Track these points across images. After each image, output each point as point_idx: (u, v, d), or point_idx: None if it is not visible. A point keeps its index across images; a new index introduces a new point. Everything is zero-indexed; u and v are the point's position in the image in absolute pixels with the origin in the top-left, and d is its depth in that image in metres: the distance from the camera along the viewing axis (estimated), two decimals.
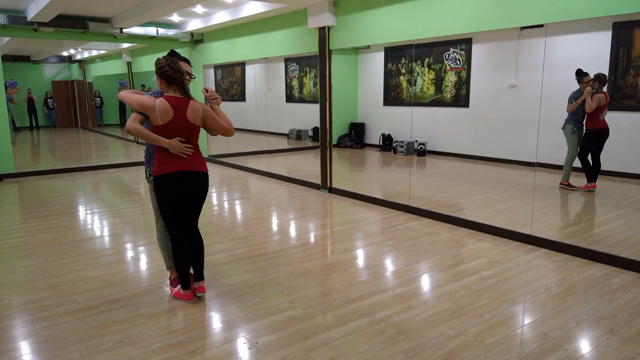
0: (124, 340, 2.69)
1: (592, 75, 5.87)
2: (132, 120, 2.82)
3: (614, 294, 3.22)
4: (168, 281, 3.41)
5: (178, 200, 2.98)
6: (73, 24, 7.86)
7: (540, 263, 3.82)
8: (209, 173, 3.12)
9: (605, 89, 5.96)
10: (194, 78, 3.16)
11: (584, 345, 2.61)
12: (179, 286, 3.21)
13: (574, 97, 5.98)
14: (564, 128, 6.19)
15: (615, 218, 5.03)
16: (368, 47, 10.68)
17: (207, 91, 3.17)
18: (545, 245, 4.15)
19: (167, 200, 2.97)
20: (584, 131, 6.03)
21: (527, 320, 2.88)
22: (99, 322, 2.91)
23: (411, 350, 2.55)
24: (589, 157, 6.06)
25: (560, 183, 6.25)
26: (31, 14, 7.09)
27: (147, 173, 3.21)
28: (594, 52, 6.87)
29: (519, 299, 3.17)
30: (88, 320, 2.93)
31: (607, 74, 6.69)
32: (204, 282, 3.24)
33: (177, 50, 3.08)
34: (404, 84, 10.30)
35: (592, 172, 6.03)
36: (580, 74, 5.91)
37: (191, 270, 3.22)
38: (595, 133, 5.94)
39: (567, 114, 6.14)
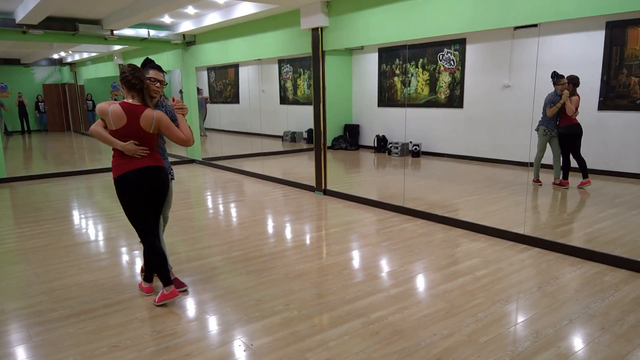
0: (119, 345, 2.68)
1: (565, 78, 5.96)
2: (95, 124, 3.05)
3: (605, 292, 3.25)
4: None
5: (140, 197, 3.06)
6: (63, 26, 7.79)
7: (533, 262, 3.85)
8: (171, 173, 3.24)
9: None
10: (166, 84, 3.33)
11: (576, 343, 2.64)
12: (161, 291, 3.18)
13: (551, 101, 6.05)
14: (537, 130, 6.26)
15: (607, 217, 5.07)
16: (362, 48, 10.71)
17: (173, 100, 3.25)
18: (538, 244, 4.18)
19: (129, 199, 3.05)
20: (560, 130, 6.13)
21: (520, 319, 2.90)
22: (93, 326, 2.90)
23: (405, 350, 2.57)
24: (566, 156, 6.20)
25: (533, 180, 6.43)
26: (20, 16, 7.03)
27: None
28: (587, 52, 6.93)
29: (512, 298, 3.19)
30: (82, 324, 2.92)
31: (600, 73, 6.76)
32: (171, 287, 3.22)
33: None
34: (398, 85, 10.34)
35: (581, 169, 6.10)
36: (556, 76, 5.97)
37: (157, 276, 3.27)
38: (571, 130, 6.05)
39: (540, 115, 6.22)
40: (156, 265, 3.14)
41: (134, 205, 3.07)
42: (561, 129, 6.12)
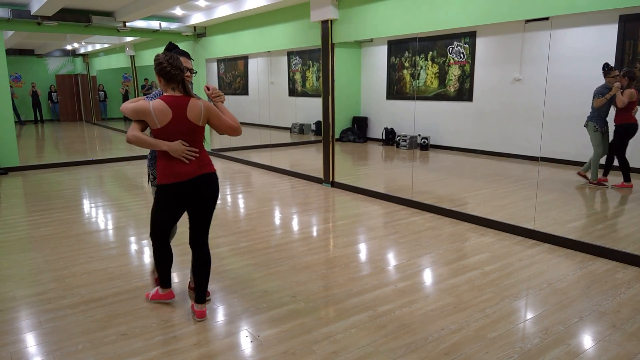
0: (128, 333, 2.70)
1: (618, 71, 5.75)
2: (131, 129, 2.65)
3: (617, 290, 3.21)
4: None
5: (178, 210, 2.83)
6: (76, 18, 7.86)
7: (543, 258, 3.81)
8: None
9: None
10: (196, 73, 3.01)
11: (587, 341, 2.61)
12: (156, 288, 3.10)
13: (600, 92, 5.83)
14: (586, 126, 6.04)
15: (619, 213, 5.01)
16: (371, 40, 10.62)
17: (208, 89, 2.90)
18: (548, 240, 4.14)
19: (165, 209, 2.81)
20: (615, 126, 5.85)
21: (529, 315, 2.88)
22: (102, 314, 2.93)
23: (412, 344, 2.56)
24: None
25: (590, 182, 6.07)
26: (35, 7, 7.08)
27: (152, 176, 3.05)
28: (600, 45, 6.80)
29: (521, 293, 3.17)
30: (92, 312, 2.95)
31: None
32: (205, 305, 2.91)
33: (179, 44, 3.00)
34: (407, 78, 10.25)
35: (623, 170, 5.84)
36: (607, 68, 5.78)
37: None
38: (626, 128, 5.78)
39: (590, 110, 5.96)
40: (161, 265, 2.98)
41: (164, 210, 2.81)
42: (619, 125, 5.81)
